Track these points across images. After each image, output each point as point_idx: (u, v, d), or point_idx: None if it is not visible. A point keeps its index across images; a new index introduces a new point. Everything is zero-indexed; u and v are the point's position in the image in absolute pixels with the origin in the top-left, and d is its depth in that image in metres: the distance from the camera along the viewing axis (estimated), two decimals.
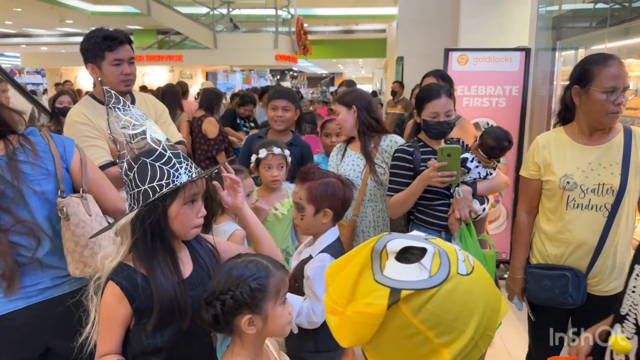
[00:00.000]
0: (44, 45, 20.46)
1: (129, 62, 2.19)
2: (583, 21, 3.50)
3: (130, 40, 2.24)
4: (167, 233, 1.31)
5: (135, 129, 1.26)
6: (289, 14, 13.37)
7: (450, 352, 0.64)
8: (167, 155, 1.25)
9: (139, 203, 1.24)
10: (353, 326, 0.67)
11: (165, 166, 1.24)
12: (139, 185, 1.23)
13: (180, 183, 1.25)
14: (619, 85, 1.78)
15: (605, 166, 1.88)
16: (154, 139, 1.27)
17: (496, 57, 3.89)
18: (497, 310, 0.69)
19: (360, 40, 19.35)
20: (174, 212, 1.29)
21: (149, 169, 1.23)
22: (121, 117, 1.26)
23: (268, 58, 12.45)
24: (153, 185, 1.23)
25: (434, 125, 2.18)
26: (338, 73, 31.29)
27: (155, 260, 1.29)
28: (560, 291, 1.93)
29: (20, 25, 17.56)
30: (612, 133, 1.91)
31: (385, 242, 0.69)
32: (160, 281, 1.27)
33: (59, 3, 13.14)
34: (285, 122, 2.77)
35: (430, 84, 2.31)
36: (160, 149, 1.25)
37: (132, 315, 1.28)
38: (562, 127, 2.01)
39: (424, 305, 0.64)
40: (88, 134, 2.15)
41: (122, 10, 14.44)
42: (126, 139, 1.25)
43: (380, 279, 0.67)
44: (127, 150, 1.25)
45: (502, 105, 3.92)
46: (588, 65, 1.85)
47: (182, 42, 13.55)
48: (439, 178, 2.04)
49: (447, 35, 6.39)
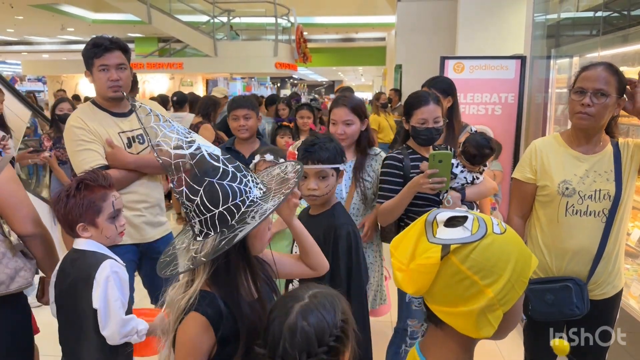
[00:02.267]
0: (45, 53, 20.57)
1: (117, 67, 2.19)
2: (577, 29, 3.54)
3: (122, 47, 2.23)
4: (248, 252, 1.21)
5: (190, 147, 1.11)
6: (289, 22, 13.45)
7: (492, 291, 0.82)
8: (231, 171, 1.14)
9: (215, 228, 1.12)
10: (416, 277, 0.86)
11: (234, 183, 1.13)
12: (210, 209, 1.11)
13: (255, 198, 1.15)
14: (586, 87, 1.80)
15: (600, 173, 1.91)
16: (211, 155, 1.14)
17: (492, 64, 3.93)
18: (528, 262, 0.86)
19: (360, 48, 19.45)
20: (256, 229, 1.16)
21: (218, 189, 1.11)
22: (170, 136, 1.11)
23: (268, 66, 12.51)
24: (228, 206, 1.11)
25: (423, 132, 2.19)
26: (338, 80, 31.38)
27: (237, 283, 1.18)
28: (566, 303, 1.92)
29: (22, 33, 17.68)
30: (603, 144, 1.94)
31: (435, 215, 0.90)
32: (243, 305, 1.17)
33: (60, 11, 13.23)
34: (248, 130, 2.78)
35: (418, 91, 2.34)
36: (222, 165, 1.13)
37: (215, 345, 1.17)
38: (559, 133, 2.04)
39: (468, 255, 0.83)
40: (84, 138, 2.18)
41: (123, 19, 14.54)
42: (181, 160, 1.10)
43: (433, 240, 0.86)
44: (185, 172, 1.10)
45: (498, 112, 3.95)
46: (579, 71, 1.90)
47: (183, 49, 13.63)
48: (429, 185, 2.03)
49: (444, 43, 6.43)
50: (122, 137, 2.26)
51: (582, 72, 1.85)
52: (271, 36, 12.86)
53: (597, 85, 1.80)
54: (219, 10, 12.75)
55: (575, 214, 1.92)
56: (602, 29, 2.90)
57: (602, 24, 2.91)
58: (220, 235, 1.11)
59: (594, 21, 3.05)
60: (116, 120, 2.27)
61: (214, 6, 12.55)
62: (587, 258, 1.92)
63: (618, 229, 1.91)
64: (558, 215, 1.95)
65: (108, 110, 2.28)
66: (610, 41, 2.87)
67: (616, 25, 2.87)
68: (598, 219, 1.90)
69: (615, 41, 2.87)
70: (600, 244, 1.90)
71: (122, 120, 2.29)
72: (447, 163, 2.03)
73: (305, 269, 1.46)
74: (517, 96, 3.91)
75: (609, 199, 1.88)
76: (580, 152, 1.94)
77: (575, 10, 3.33)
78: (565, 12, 3.57)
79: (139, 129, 2.29)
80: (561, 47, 3.66)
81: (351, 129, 2.35)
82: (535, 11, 3.82)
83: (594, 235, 1.90)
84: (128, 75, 2.26)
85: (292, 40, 13.31)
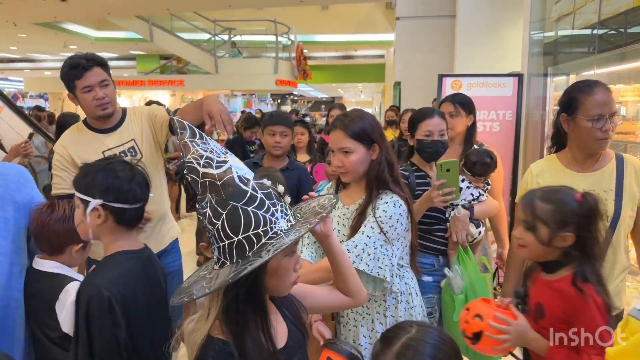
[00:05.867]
0: (47, 70, 20.75)
1: (100, 85, 2.12)
2: (573, 46, 3.57)
3: (99, 62, 2.14)
4: (261, 292, 1.08)
5: (220, 167, 1.04)
6: (289, 40, 13.61)
7: None
8: (259, 197, 1.04)
9: (232, 257, 1.02)
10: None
11: (259, 210, 1.03)
12: (230, 236, 1.02)
13: (279, 230, 1.04)
14: (604, 112, 1.79)
15: (599, 193, 1.89)
16: (242, 178, 1.05)
17: (489, 82, 3.95)
18: None
19: (359, 66, 19.61)
20: (274, 266, 1.07)
21: (241, 214, 1.01)
22: (202, 153, 1.05)
23: (268, 83, 12.62)
24: (248, 234, 1.01)
25: (429, 145, 2.17)
26: (338, 97, 31.60)
27: (247, 328, 1.06)
28: None
29: (25, 50, 17.86)
30: (604, 160, 1.92)
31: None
32: (253, 354, 1.04)
33: (63, 29, 13.38)
34: (283, 147, 2.72)
35: (422, 108, 2.34)
36: (251, 190, 1.04)
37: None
38: (555, 155, 2.02)
39: None
40: (57, 164, 2.18)
41: (125, 36, 14.70)
42: (208, 180, 1.03)
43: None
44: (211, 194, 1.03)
45: (496, 129, 3.96)
46: (574, 93, 1.87)
47: (184, 67, 13.75)
48: (441, 198, 2.00)
49: (443, 61, 6.48)
50: (105, 156, 2.16)
51: (589, 97, 1.82)
52: (272, 54, 13.00)
53: (613, 108, 1.82)
54: (220, 29, 12.91)
55: None
56: (597, 47, 2.92)
57: (598, 42, 2.94)
58: (235, 267, 1.01)
59: (590, 39, 3.08)
60: (102, 137, 2.22)
61: (215, 24, 12.70)
62: None
63: (616, 250, 1.88)
64: None
65: (95, 129, 2.23)
66: (606, 59, 2.89)
67: (612, 43, 2.90)
68: None
69: (611, 59, 2.89)
70: None
71: (108, 136, 2.23)
72: (455, 172, 2.02)
73: (342, 298, 1.31)
74: (514, 113, 3.93)
75: (606, 219, 1.85)
76: (577, 172, 1.93)
77: (572, 28, 3.37)
78: (561, 29, 3.61)
79: (128, 142, 2.24)
80: (558, 64, 3.69)
81: (350, 159, 1.75)
82: (531, 29, 3.86)
83: None
84: (112, 90, 2.19)
85: (292, 57, 13.45)
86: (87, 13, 11.03)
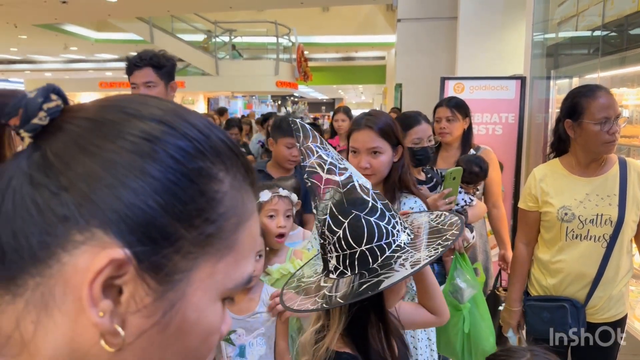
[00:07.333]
0: (47, 72, 20.75)
1: (145, 85, 2.11)
2: (576, 50, 3.56)
3: (153, 64, 2.13)
4: (383, 303, 1.06)
5: (342, 174, 1.02)
6: (290, 41, 13.61)
7: None
8: (380, 208, 1.02)
9: (353, 268, 1.00)
10: None
11: (381, 222, 1.01)
12: (352, 246, 0.99)
13: (403, 244, 1.02)
14: (610, 115, 1.81)
15: (602, 197, 1.89)
16: (362, 187, 1.03)
17: (492, 85, 3.94)
18: None
19: (360, 67, 19.62)
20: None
21: (364, 224, 1.00)
22: (325, 159, 1.03)
23: (269, 84, 12.62)
24: (372, 246, 0.99)
25: (420, 152, 2.18)
26: (339, 99, 31.61)
27: (373, 341, 1.04)
28: (560, 322, 1.92)
29: (25, 52, 17.85)
30: (607, 165, 1.92)
31: None
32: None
33: (63, 31, 13.39)
34: (297, 162, 2.57)
35: (405, 112, 2.34)
36: (371, 200, 1.02)
37: None
38: (558, 159, 2.02)
39: None
40: None
41: (126, 38, 14.70)
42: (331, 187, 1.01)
43: None
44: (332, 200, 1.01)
45: (499, 132, 3.94)
46: (577, 99, 1.87)
47: (185, 68, 13.76)
48: (446, 206, 2.00)
49: (444, 63, 6.47)
50: None
51: (593, 101, 1.83)
52: (272, 55, 13.00)
53: (617, 111, 1.83)
54: (221, 30, 12.91)
55: (575, 238, 1.91)
56: (601, 50, 2.91)
57: (602, 45, 2.93)
58: (359, 278, 0.98)
59: (594, 42, 3.07)
60: None
61: (216, 26, 12.70)
62: (585, 282, 1.91)
63: (619, 255, 1.89)
64: (559, 239, 1.94)
65: None
66: (609, 62, 2.88)
67: (616, 46, 2.88)
68: (598, 243, 1.88)
69: (615, 62, 2.88)
70: (599, 269, 1.88)
71: None
72: (459, 179, 2.04)
73: (428, 316, 1.29)
74: (517, 116, 3.91)
75: (610, 224, 1.86)
76: (580, 176, 1.93)
77: (574, 30, 3.36)
78: (564, 32, 3.60)
79: None
80: (560, 67, 3.68)
81: (379, 160, 1.65)
82: (534, 31, 3.85)
83: (593, 259, 1.89)
84: (159, 92, 2.14)
85: (293, 59, 13.45)
86: (88, 14, 11.04)
